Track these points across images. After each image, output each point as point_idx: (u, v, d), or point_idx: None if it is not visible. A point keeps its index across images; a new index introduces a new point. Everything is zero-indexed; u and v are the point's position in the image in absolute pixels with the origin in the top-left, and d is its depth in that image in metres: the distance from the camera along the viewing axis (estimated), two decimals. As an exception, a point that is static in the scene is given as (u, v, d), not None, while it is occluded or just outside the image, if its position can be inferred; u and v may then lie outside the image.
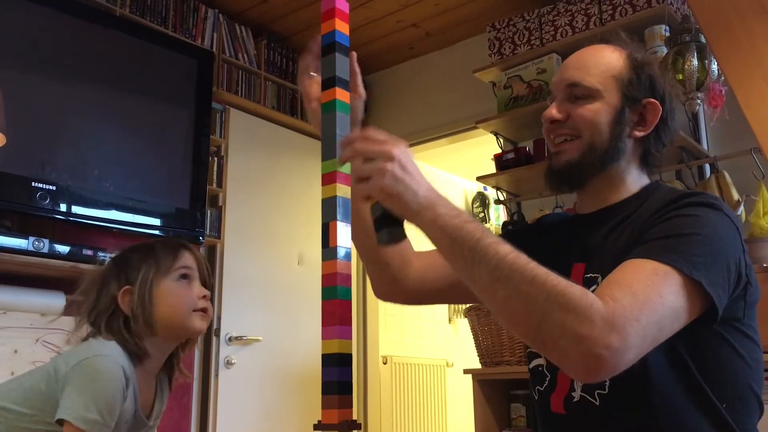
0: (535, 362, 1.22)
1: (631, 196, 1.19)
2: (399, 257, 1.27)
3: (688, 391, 1.03)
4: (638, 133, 1.18)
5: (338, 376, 0.90)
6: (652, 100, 1.17)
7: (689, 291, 0.94)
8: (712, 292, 0.95)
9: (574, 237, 1.22)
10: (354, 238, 1.19)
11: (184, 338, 1.42)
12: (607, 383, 1.05)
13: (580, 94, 1.17)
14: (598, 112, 1.15)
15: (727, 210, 1.07)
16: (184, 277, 1.38)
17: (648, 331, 0.89)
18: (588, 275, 1.12)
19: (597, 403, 1.07)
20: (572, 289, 0.88)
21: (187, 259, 1.40)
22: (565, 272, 1.15)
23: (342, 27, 1.01)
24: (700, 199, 1.06)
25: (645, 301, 0.90)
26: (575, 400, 1.09)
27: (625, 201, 1.18)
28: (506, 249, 0.91)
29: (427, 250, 1.22)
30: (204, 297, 1.39)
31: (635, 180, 1.20)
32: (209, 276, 1.45)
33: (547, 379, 1.17)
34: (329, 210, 0.95)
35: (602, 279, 1.02)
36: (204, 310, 1.38)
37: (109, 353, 1.27)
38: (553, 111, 1.19)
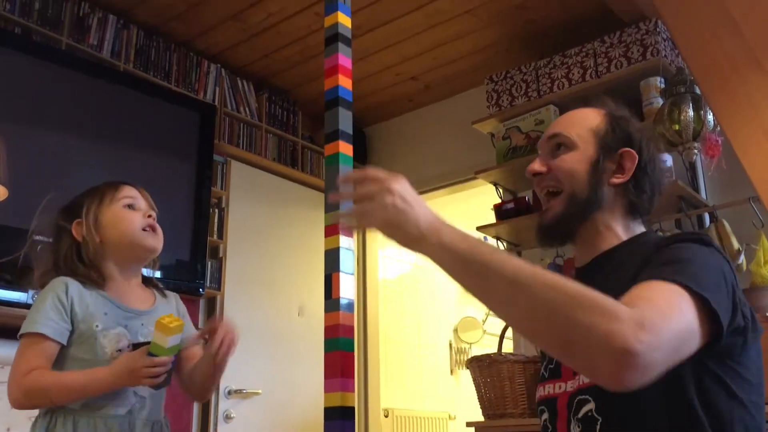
0: (543, 417, 1.21)
1: (622, 243, 1.20)
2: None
3: (684, 428, 1.01)
4: (617, 180, 1.21)
5: (341, 430, 0.89)
6: (628, 149, 1.22)
7: (699, 310, 0.94)
8: (719, 310, 0.95)
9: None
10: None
11: (143, 257, 1.54)
12: None
13: (559, 143, 1.24)
14: (576, 161, 1.21)
15: (717, 246, 1.10)
16: (130, 206, 1.51)
17: (672, 340, 0.89)
18: None
19: None
20: (595, 293, 0.88)
21: (129, 191, 1.53)
22: None
23: (345, 83, 1.03)
24: (691, 236, 1.10)
25: (667, 312, 0.90)
26: None
27: (616, 248, 1.20)
28: (521, 261, 0.92)
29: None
30: (149, 216, 1.51)
31: (624, 228, 1.22)
32: (153, 204, 1.58)
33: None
34: (332, 261, 0.95)
35: None
36: (152, 228, 1.51)
37: (56, 279, 1.43)
38: (535, 165, 1.25)
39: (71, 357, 1.41)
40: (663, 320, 0.88)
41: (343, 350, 0.92)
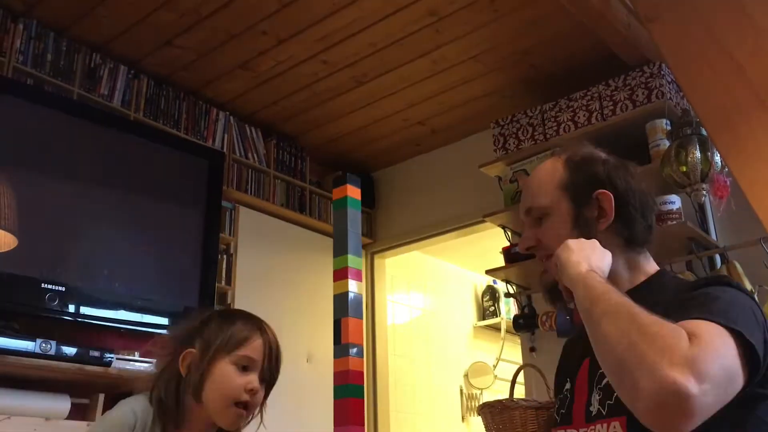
0: None
1: (639, 285, 1.18)
2: None
3: None
4: (603, 225, 1.19)
5: (352, 480, 0.87)
6: (601, 190, 1.20)
7: (739, 347, 0.93)
8: (756, 345, 0.94)
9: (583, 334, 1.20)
10: None
11: (218, 425, 1.38)
12: None
13: (537, 216, 1.24)
14: (557, 226, 1.20)
15: (744, 288, 1.10)
16: (244, 368, 1.35)
17: (722, 383, 0.88)
18: (601, 370, 1.09)
19: None
20: (666, 325, 0.90)
21: (255, 349, 1.37)
22: (576, 369, 1.18)
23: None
24: (717, 279, 1.09)
25: (718, 353, 0.89)
26: None
27: (630, 293, 1.16)
28: (628, 300, 0.97)
29: None
30: (251, 390, 1.35)
31: (629, 267, 1.20)
32: (273, 371, 1.41)
33: None
34: (341, 306, 0.95)
35: None
36: (245, 405, 1.35)
37: (127, 402, 1.31)
38: (524, 243, 1.27)
39: None
40: (714, 362, 0.88)
41: (352, 397, 0.91)
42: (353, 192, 1.01)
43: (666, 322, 0.91)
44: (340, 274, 0.97)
